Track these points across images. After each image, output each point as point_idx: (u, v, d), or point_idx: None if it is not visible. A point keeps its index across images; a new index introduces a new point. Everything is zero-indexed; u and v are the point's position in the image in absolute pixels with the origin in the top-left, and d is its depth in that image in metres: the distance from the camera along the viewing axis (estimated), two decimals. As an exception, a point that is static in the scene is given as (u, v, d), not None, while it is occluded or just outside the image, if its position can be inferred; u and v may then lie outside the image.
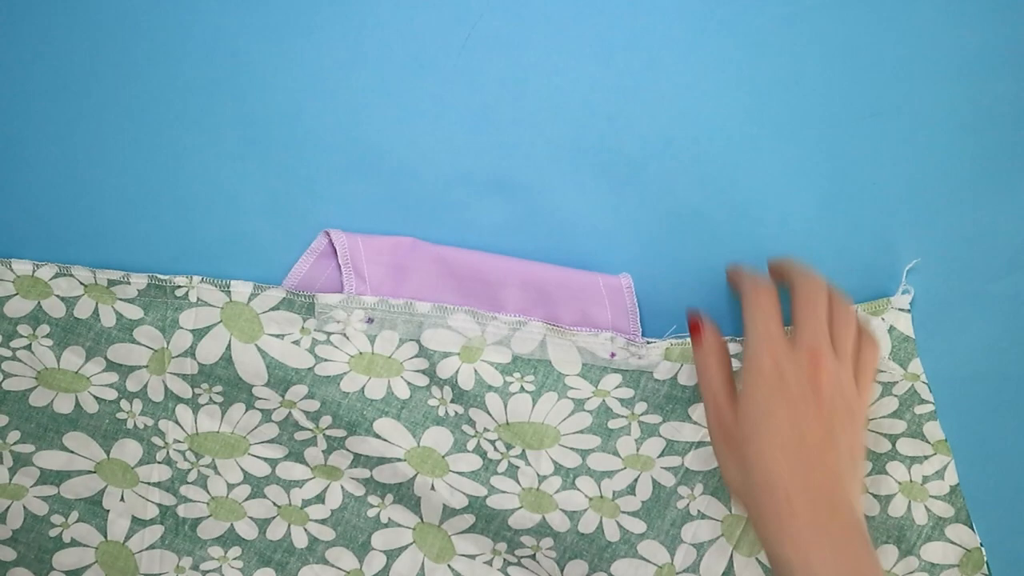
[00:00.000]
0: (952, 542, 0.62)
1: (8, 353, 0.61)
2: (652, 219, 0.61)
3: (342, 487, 0.63)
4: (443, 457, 0.61)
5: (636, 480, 0.61)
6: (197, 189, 0.61)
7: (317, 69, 0.59)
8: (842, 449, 0.52)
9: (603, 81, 0.60)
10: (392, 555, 0.63)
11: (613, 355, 0.60)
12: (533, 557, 0.63)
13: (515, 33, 0.59)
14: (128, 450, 0.62)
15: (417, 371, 0.60)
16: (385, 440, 0.61)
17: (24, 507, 0.63)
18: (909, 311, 0.60)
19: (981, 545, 0.62)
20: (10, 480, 0.62)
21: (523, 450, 0.61)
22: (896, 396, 0.60)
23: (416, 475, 0.62)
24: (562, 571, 0.62)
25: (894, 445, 0.61)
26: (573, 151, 0.60)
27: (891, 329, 0.60)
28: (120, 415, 0.62)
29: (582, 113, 0.60)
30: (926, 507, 0.61)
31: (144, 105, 0.60)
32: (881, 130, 0.60)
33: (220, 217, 0.61)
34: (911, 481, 0.61)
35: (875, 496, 0.61)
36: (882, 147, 0.60)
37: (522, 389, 0.60)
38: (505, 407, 0.60)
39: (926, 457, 0.61)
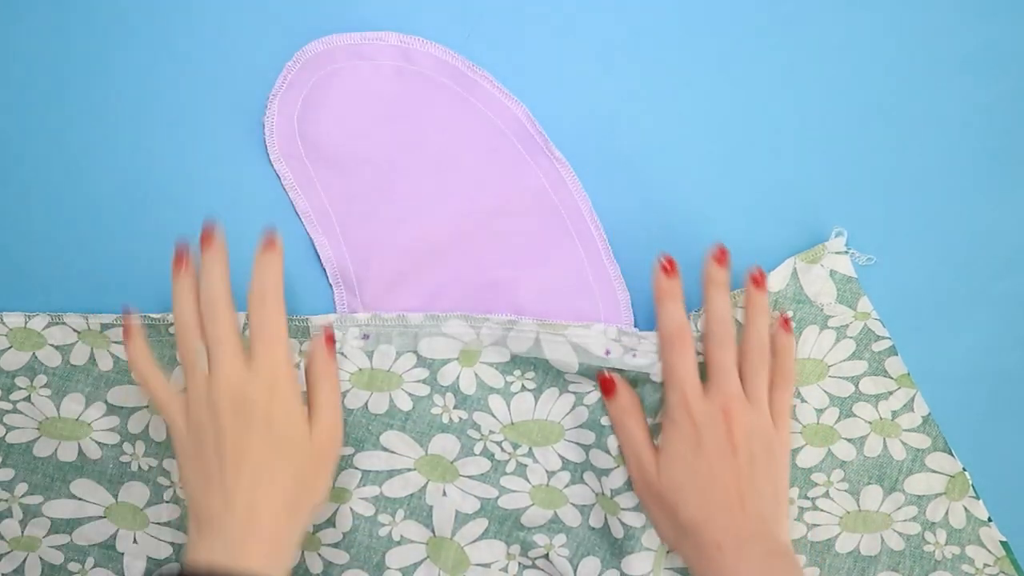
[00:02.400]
0: (934, 471, 0.63)
1: (8, 406, 0.61)
2: (649, 218, 0.62)
3: (351, 509, 0.63)
4: (452, 463, 0.62)
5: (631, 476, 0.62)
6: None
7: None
8: (763, 492, 0.56)
9: (603, 81, 0.61)
10: (407, 572, 0.64)
11: (608, 352, 0.60)
12: (547, 557, 0.63)
13: (515, 33, 0.61)
14: (135, 492, 0.62)
15: (418, 381, 0.61)
16: (393, 452, 0.62)
17: (40, 558, 0.62)
18: (847, 252, 0.61)
19: (964, 469, 0.63)
20: (22, 532, 0.62)
21: (530, 448, 0.62)
22: (851, 338, 0.62)
23: (427, 483, 0.62)
24: (575, 570, 0.63)
25: (857, 386, 0.62)
26: (572, 150, 0.61)
27: (832, 273, 0.61)
28: (124, 458, 0.62)
29: (581, 112, 0.61)
30: (902, 442, 0.63)
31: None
32: (881, 130, 0.62)
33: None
34: (880, 419, 0.62)
35: (848, 440, 0.63)
36: (881, 147, 0.62)
37: (523, 388, 0.61)
38: (509, 407, 0.61)
39: (891, 392, 0.62)
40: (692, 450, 0.56)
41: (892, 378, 0.62)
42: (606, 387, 0.59)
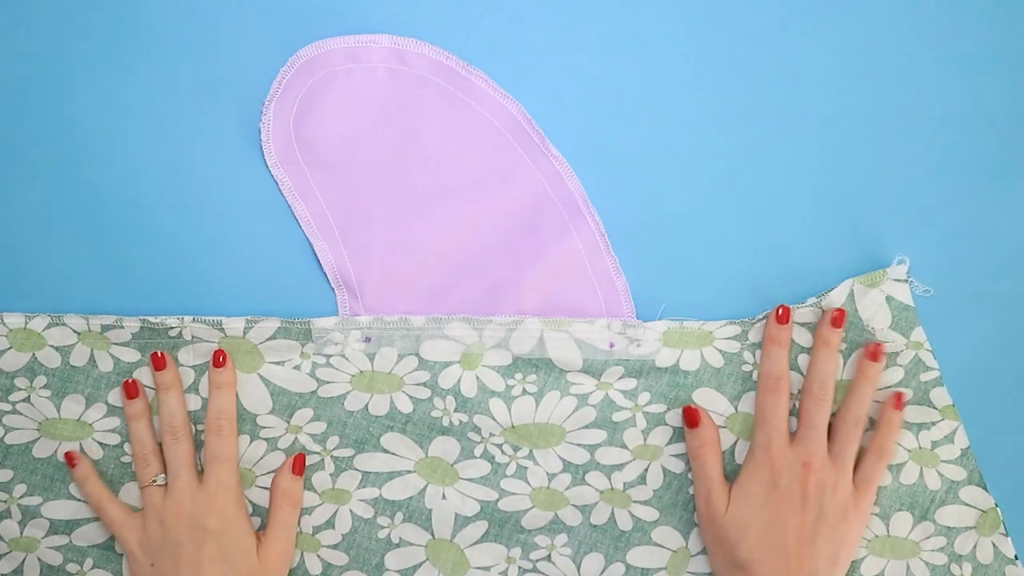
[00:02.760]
0: (967, 504, 0.62)
1: (8, 407, 0.61)
2: (649, 217, 0.62)
3: (351, 511, 0.63)
4: (452, 465, 0.62)
5: (646, 470, 0.62)
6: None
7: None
8: (820, 551, 0.58)
9: (603, 81, 0.61)
10: (406, 574, 0.64)
11: (612, 345, 0.61)
12: (548, 558, 0.63)
13: (515, 33, 0.61)
14: (134, 493, 0.62)
15: (418, 384, 0.61)
16: (393, 454, 0.62)
17: (39, 559, 0.63)
18: (907, 280, 0.61)
19: (996, 505, 0.62)
20: (21, 533, 0.62)
21: (531, 451, 0.62)
22: (901, 366, 0.61)
23: (427, 485, 0.62)
24: (579, 568, 0.63)
25: None
26: (572, 151, 0.61)
27: (889, 299, 0.61)
28: (124, 459, 0.62)
29: (581, 113, 0.61)
30: (938, 472, 0.62)
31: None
32: (881, 130, 0.61)
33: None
34: (920, 448, 0.62)
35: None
36: (881, 147, 0.61)
37: (524, 391, 0.61)
38: (509, 411, 0.61)
39: (934, 423, 0.62)
40: (765, 492, 0.59)
41: (936, 408, 0.62)
42: (691, 418, 0.61)
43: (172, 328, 0.60)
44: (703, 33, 0.61)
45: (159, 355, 0.60)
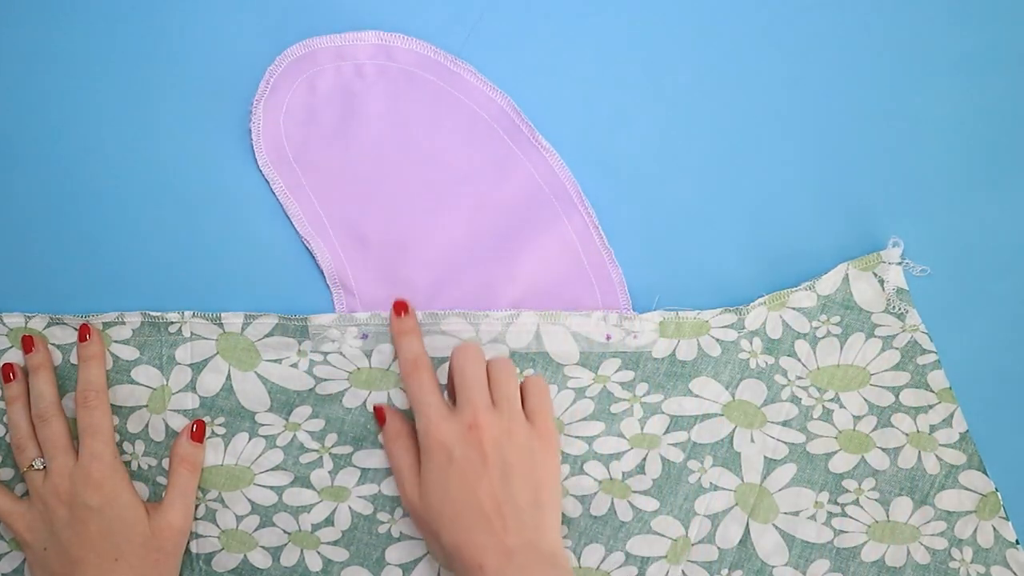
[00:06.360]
0: (967, 488, 0.63)
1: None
2: (643, 208, 0.63)
3: (350, 508, 0.63)
4: (450, 460, 0.63)
5: (644, 459, 0.63)
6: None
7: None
8: (520, 501, 0.55)
9: (595, 73, 0.62)
10: (407, 568, 0.64)
11: (609, 337, 0.61)
12: (547, 552, 0.63)
13: (515, 33, 0.61)
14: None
15: None
16: (392, 450, 0.62)
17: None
18: (901, 263, 0.62)
19: (996, 490, 0.62)
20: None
21: None
22: (897, 349, 0.62)
23: (426, 480, 0.63)
24: (579, 559, 0.63)
25: (897, 397, 0.63)
26: (572, 150, 0.62)
27: (883, 283, 0.62)
28: (124, 457, 0.62)
29: (581, 112, 0.62)
30: (936, 456, 0.63)
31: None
32: (881, 130, 0.62)
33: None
34: (918, 431, 0.62)
35: (883, 449, 0.63)
36: (882, 147, 0.62)
37: None
38: None
39: (931, 406, 0.62)
40: (444, 473, 0.56)
41: (933, 392, 0.62)
42: (378, 417, 0.61)
43: (172, 323, 0.61)
44: (693, 24, 0.62)
45: (28, 338, 0.60)
